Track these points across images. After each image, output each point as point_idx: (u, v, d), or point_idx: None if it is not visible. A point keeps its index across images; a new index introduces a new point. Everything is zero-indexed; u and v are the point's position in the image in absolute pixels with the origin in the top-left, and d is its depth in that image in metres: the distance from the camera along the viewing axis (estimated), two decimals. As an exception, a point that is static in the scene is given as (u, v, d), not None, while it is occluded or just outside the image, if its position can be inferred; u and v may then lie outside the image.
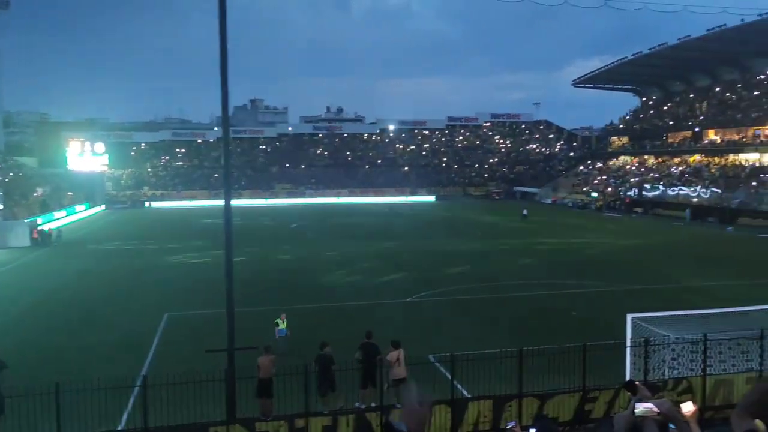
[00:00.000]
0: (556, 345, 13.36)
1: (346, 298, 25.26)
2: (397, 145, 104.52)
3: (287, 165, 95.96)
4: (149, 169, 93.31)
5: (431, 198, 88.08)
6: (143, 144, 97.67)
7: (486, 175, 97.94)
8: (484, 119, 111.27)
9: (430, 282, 28.17)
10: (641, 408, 3.05)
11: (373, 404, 13.33)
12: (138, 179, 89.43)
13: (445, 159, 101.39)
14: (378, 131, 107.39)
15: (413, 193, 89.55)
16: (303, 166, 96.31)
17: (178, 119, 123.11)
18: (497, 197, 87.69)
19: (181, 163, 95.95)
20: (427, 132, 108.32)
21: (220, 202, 14.38)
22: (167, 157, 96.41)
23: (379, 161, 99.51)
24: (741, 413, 2.88)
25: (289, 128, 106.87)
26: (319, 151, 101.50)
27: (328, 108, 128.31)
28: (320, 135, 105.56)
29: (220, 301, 13.19)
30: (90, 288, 28.06)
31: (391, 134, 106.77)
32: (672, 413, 3.04)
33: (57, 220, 53.26)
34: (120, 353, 18.04)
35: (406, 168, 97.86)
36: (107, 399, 11.20)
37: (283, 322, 18.13)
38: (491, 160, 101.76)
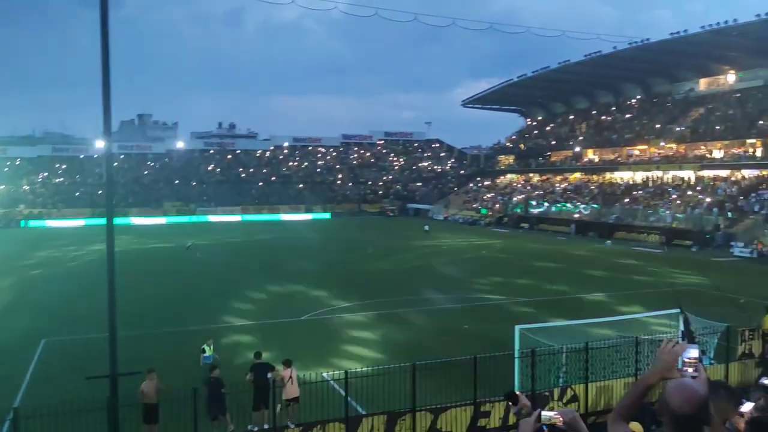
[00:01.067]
0: (450, 358, 13.58)
1: (237, 317, 24.61)
2: (292, 162, 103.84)
3: (177, 182, 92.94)
4: (26, 186, 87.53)
5: (326, 215, 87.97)
6: (18, 159, 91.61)
7: (380, 192, 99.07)
8: (377, 137, 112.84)
9: (325, 300, 27.99)
10: (546, 416, 3.09)
11: (266, 426, 13.00)
12: (13, 197, 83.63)
13: (339, 176, 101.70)
14: (272, 148, 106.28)
15: (308, 210, 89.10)
16: (194, 183, 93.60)
17: (59, 134, 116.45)
18: (391, 214, 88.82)
19: (61, 179, 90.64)
20: (321, 149, 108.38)
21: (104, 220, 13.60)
22: (46, 173, 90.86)
23: (273, 178, 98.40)
24: (615, 417, 2.97)
25: (180, 144, 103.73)
26: (210, 168, 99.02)
27: (220, 124, 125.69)
28: (212, 151, 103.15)
29: (103, 325, 12.46)
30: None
31: (286, 151, 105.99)
32: (575, 423, 3.09)
33: None
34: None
35: (300, 185, 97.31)
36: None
37: (210, 347, 16.83)
38: (385, 177, 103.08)
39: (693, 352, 2.78)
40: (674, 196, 58.59)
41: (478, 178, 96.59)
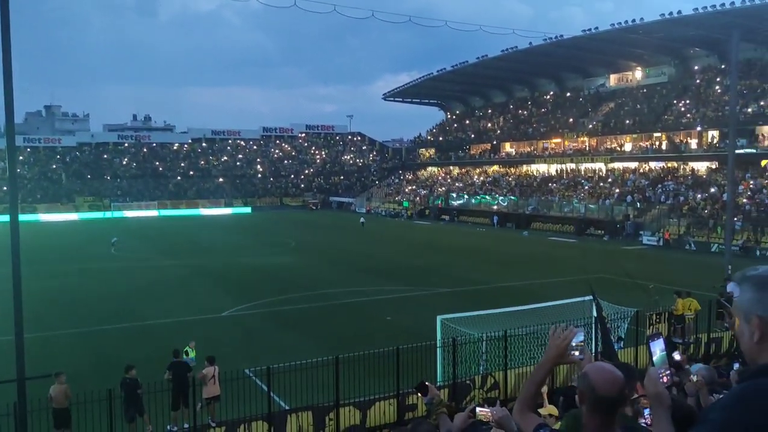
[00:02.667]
0: (373, 350, 13.61)
1: (154, 316, 23.90)
2: (211, 156, 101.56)
3: (89, 176, 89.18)
4: None
5: (247, 209, 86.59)
6: None
7: (302, 185, 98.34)
8: (299, 130, 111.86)
9: (246, 295, 27.55)
10: (479, 412, 3.14)
11: (186, 425, 12.70)
12: None
13: (260, 169, 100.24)
14: (190, 141, 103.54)
15: (228, 204, 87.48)
16: (107, 177, 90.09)
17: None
18: (314, 208, 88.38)
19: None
20: (241, 142, 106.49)
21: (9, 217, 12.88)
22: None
23: (192, 172, 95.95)
24: (521, 408, 3.00)
25: (92, 137, 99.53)
26: (125, 162, 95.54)
27: (134, 116, 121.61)
28: (126, 144, 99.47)
29: (8, 327, 11.83)
30: None
31: (204, 144, 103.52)
32: (505, 421, 3.14)
33: None
34: None
35: (220, 179, 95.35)
36: None
37: (193, 349, 15.92)
38: (307, 171, 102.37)
39: (579, 336, 2.88)
40: (587, 188, 60.93)
41: (400, 171, 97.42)
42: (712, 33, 54.52)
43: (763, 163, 50.48)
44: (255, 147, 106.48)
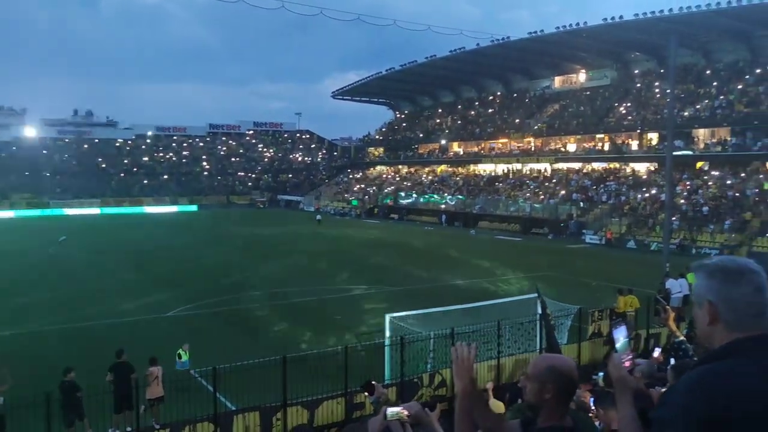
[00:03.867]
0: (321, 350, 13.58)
1: (96, 316, 23.26)
2: (156, 153, 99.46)
3: (27, 173, 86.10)
4: None
5: (193, 207, 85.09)
6: None
7: (250, 183, 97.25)
8: (246, 127, 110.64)
9: (192, 295, 27.08)
10: (392, 412, 3.10)
11: (128, 429, 12.41)
12: None
13: (207, 167, 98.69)
14: (133, 137, 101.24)
15: (174, 202, 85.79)
16: (47, 174, 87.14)
17: None
18: (262, 206, 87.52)
19: None
20: (187, 139, 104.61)
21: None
22: None
23: (136, 169, 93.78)
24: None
25: (29, 132, 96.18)
26: (65, 158, 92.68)
27: (75, 111, 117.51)
28: (66, 140, 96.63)
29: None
30: None
31: (149, 140, 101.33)
32: (420, 415, 3.14)
33: None
34: None
35: (165, 176, 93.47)
36: None
37: (186, 352, 15.56)
38: (255, 169, 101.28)
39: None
40: (532, 187, 62.10)
41: (349, 170, 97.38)
42: (652, 38, 56.36)
43: (699, 164, 52.39)
44: (201, 144, 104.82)
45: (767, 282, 2.02)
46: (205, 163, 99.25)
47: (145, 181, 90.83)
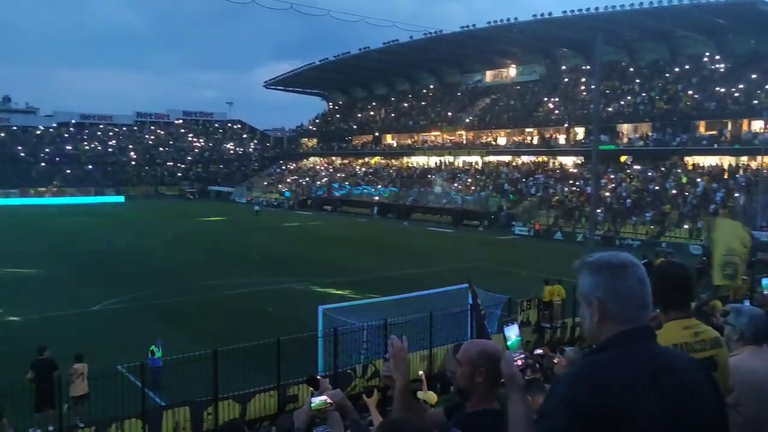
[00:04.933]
0: (253, 343, 13.42)
1: (16, 312, 22.30)
2: (80, 141, 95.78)
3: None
4: None
5: (120, 198, 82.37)
6: None
7: (179, 174, 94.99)
8: (175, 116, 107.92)
9: (118, 288, 26.29)
10: (316, 401, 3.11)
11: (50, 428, 11.99)
12: None
13: (134, 156, 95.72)
14: (55, 125, 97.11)
15: (99, 193, 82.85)
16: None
17: None
18: (191, 197, 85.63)
19: None
20: (113, 127, 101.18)
21: None
22: None
23: (58, 158, 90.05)
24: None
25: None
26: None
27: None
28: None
29: None
30: None
31: (72, 129, 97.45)
32: (343, 403, 3.16)
33: None
34: None
35: (90, 166, 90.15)
36: None
37: (159, 349, 14.92)
38: (184, 159, 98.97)
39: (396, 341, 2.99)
40: (464, 180, 63.07)
41: (282, 161, 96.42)
42: (579, 35, 58.06)
43: (623, 158, 54.41)
44: (128, 133, 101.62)
45: (646, 275, 2.07)
46: (132, 153, 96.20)
47: (69, 171, 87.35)
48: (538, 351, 8.32)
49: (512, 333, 3.37)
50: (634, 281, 2.03)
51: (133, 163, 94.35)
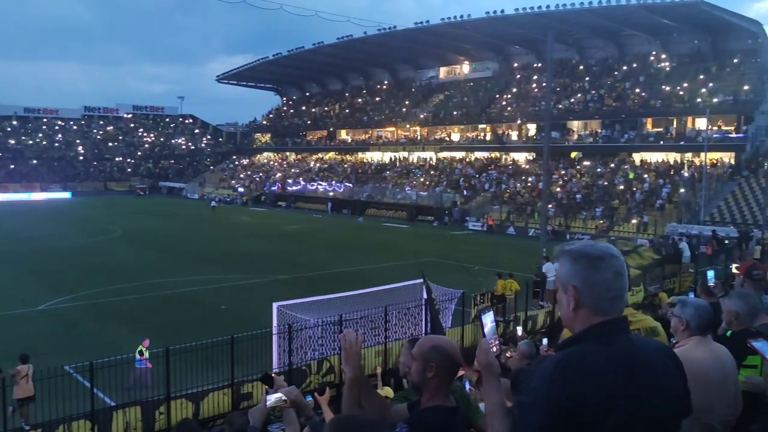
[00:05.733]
0: (206, 341, 13.23)
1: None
2: (23, 136, 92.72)
3: None
4: None
5: (66, 194, 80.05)
6: None
7: (129, 169, 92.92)
8: (125, 110, 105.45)
9: (66, 287, 25.58)
10: (272, 399, 3.11)
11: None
12: None
13: (82, 151, 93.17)
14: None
15: (45, 189, 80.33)
16: None
17: None
18: (142, 193, 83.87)
19: None
20: (59, 122, 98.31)
21: None
22: None
23: (0, 153, 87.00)
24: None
25: None
26: None
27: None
28: None
29: None
30: None
31: (15, 122, 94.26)
32: (299, 400, 3.15)
33: None
34: None
35: (35, 161, 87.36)
36: None
37: (147, 350, 14.53)
38: (134, 154, 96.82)
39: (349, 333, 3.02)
40: (418, 176, 63.37)
41: (235, 156, 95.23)
42: (531, 33, 58.96)
43: (573, 155, 55.47)
44: (75, 127, 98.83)
45: (624, 267, 2.12)
46: (80, 148, 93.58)
47: (12, 166, 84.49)
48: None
49: (488, 320, 3.39)
50: (610, 273, 2.06)
51: (81, 158, 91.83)
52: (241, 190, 76.29)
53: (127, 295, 24.43)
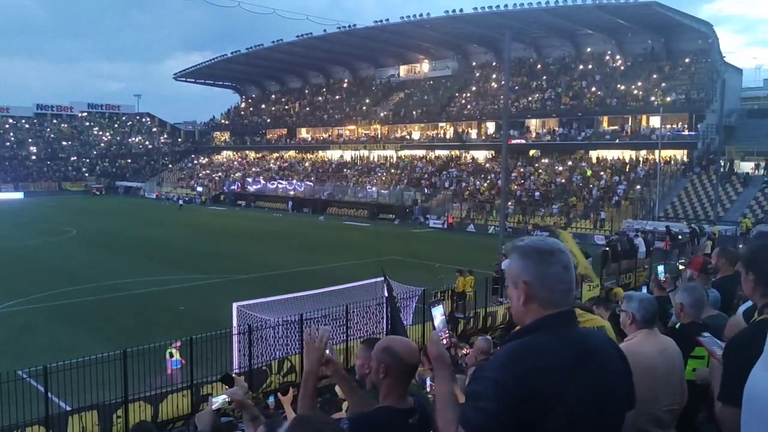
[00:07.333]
0: (165, 342, 13.08)
1: None
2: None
3: None
4: None
5: (19, 194, 77.85)
6: None
7: (84, 169, 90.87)
8: (79, 109, 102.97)
9: (17, 290, 24.92)
10: (218, 401, 3.11)
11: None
12: None
13: (34, 151, 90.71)
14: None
15: (-5, 190, 78.00)
16: None
17: None
18: (98, 192, 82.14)
19: None
20: (10, 120, 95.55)
21: None
22: None
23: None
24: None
25: None
26: None
27: None
28: None
29: None
30: None
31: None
32: (243, 401, 3.17)
33: None
34: None
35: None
36: None
37: (177, 351, 14.30)
38: (90, 154, 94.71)
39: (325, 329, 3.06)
40: (379, 174, 63.46)
41: (193, 155, 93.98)
42: (489, 32, 59.53)
43: (532, 153, 56.25)
44: (27, 126, 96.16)
45: (571, 261, 2.21)
46: (32, 147, 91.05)
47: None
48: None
49: (438, 313, 3.45)
50: (560, 267, 2.13)
51: (34, 157, 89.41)
52: (200, 189, 75.25)
53: (83, 297, 23.93)
